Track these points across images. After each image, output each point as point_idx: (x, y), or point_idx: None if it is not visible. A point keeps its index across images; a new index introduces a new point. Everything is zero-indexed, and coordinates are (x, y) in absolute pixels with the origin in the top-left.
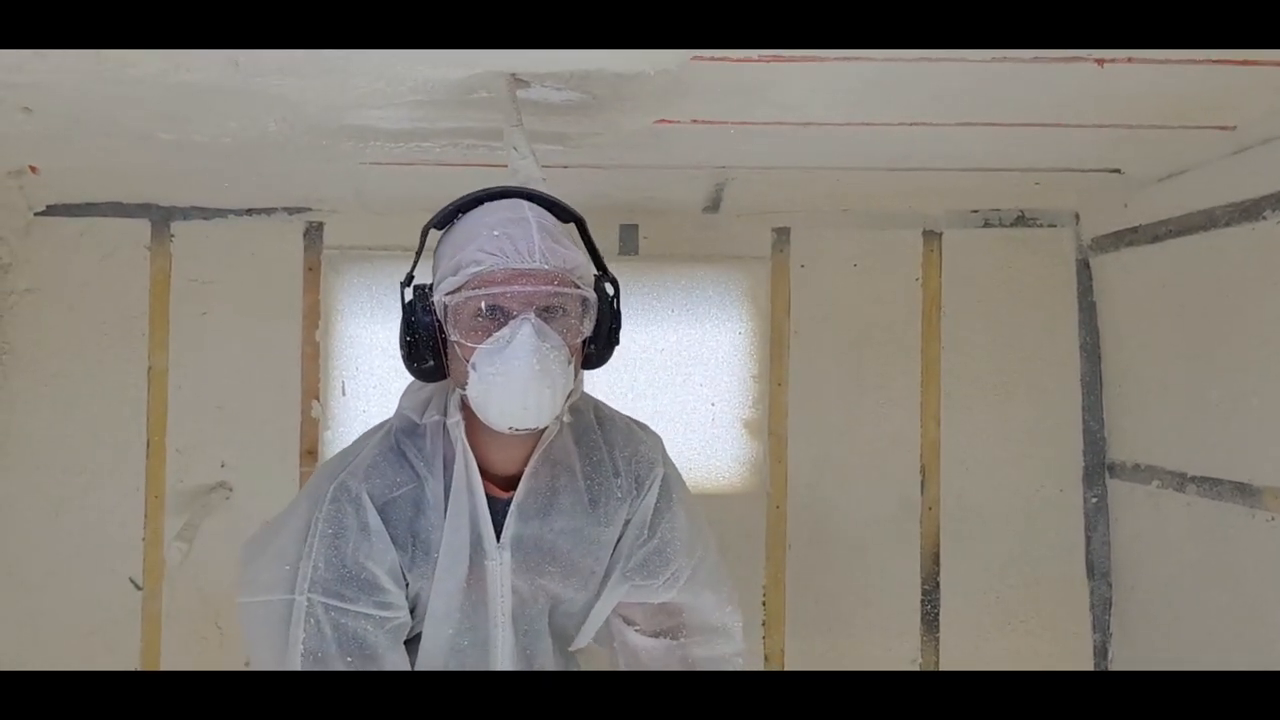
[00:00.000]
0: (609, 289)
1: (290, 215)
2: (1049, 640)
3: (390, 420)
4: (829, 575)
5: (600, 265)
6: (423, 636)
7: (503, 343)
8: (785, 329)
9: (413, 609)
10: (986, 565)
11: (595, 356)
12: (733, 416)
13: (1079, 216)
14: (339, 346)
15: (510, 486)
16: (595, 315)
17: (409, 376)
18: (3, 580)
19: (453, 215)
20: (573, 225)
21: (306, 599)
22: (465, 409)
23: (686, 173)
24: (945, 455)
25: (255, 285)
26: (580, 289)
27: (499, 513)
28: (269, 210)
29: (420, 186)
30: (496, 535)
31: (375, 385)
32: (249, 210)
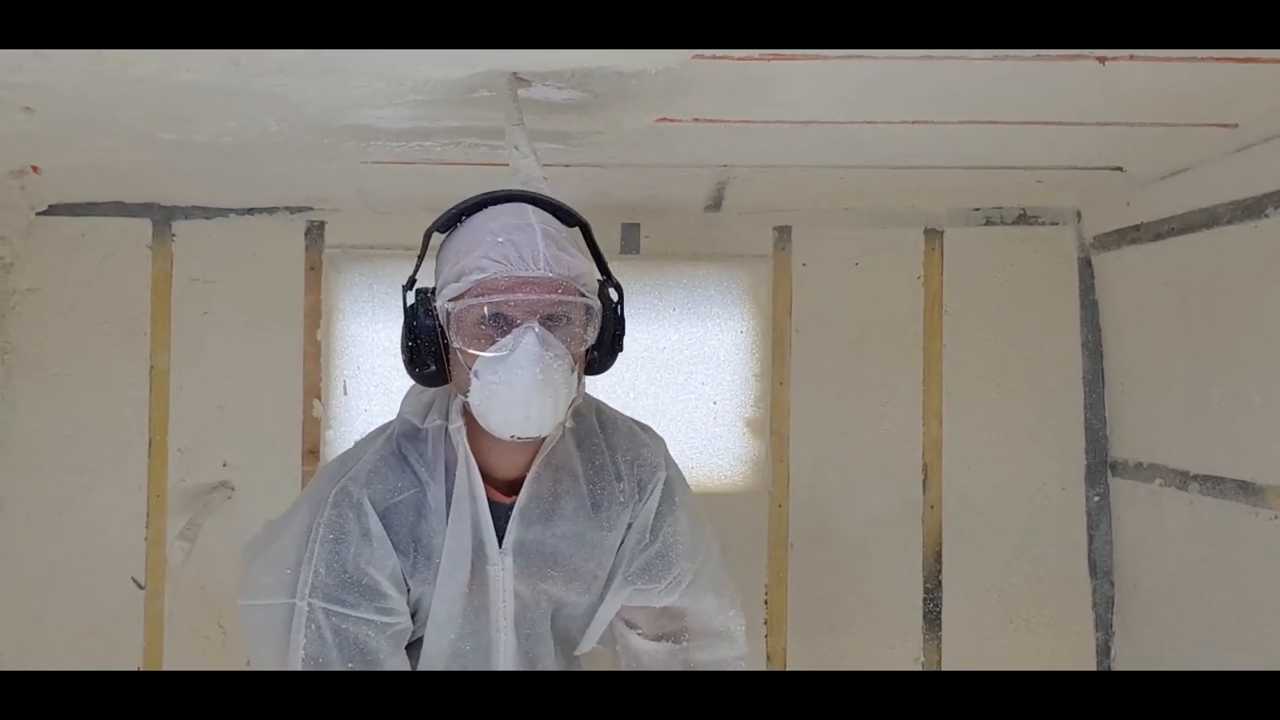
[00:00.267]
0: (613, 294)
1: (292, 214)
2: (1051, 639)
3: (392, 424)
4: (831, 574)
5: (604, 270)
6: (424, 641)
7: (506, 351)
8: (787, 327)
9: (414, 614)
10: (989, 564)
11: (598, 363)
12: (734, 415)
13: (1081, 214)
14: (340, 346)
15: (512, 491)
16: (599, 323)
17: (410, 379)
18: (4, 580)
19: (456, 219)
20: (577, 230)
21: (307, 604)
22: (467, 414)
23: (688, 171)
24: (947, 454)
25: (257, 285)
26: (584, 297)
27: (501, 518)
28: (270, 209)
29: (422, 185)
30: (499, 540)
31: (377, 384)
32: (250, 209)
